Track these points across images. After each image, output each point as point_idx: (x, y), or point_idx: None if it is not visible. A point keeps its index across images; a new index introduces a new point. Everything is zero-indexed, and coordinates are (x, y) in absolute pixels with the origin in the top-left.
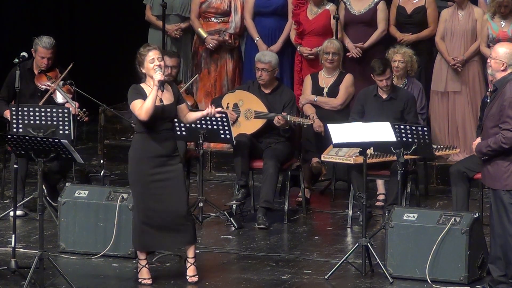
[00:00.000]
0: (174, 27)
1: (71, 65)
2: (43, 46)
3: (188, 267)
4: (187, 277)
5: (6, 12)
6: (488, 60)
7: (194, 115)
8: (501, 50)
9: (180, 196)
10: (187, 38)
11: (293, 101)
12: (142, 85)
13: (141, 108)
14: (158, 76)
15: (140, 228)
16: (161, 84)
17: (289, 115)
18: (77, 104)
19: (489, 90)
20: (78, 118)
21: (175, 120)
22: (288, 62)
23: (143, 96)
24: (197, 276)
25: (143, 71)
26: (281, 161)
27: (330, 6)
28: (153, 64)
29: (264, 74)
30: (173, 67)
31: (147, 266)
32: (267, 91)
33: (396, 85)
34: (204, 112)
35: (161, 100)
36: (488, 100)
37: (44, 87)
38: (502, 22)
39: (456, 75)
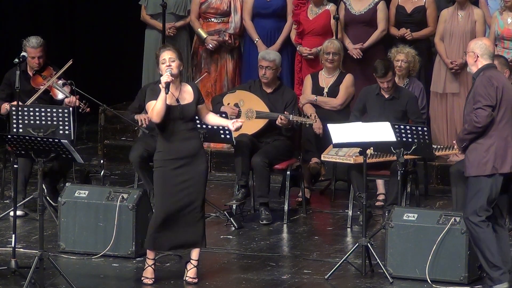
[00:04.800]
0: (168, 25)
1: (70, 61)
2: (31, 46)
3: (190, 269)
4: (186, 278)
5: (6, 12)
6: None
7: (215, 120)
8: (472, 43)
9: (198, 197)
10: (182, 36)
11: (294, 101)
12: (160, 85)
13: (152, 111)
14: (165, 78)
15: (155, 228)
16: (167, 86)
17: (291, 115)
18: (77, 96)
19: None
20: (80, 110)
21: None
22: (287, 62)
23: (158, 96)
24: (197, 279)
25: (159, 71)
26: (272, 156)
27: (330, 6)
28: (164, 65)
29: (268, 72)
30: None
31: (153, 266)
32: (269, 91)
33: (398, 85)
34: (225, 124)
35: (177, 100)
36: None
37: (42, 87)
38: (509, 20)
39: (454, 77)
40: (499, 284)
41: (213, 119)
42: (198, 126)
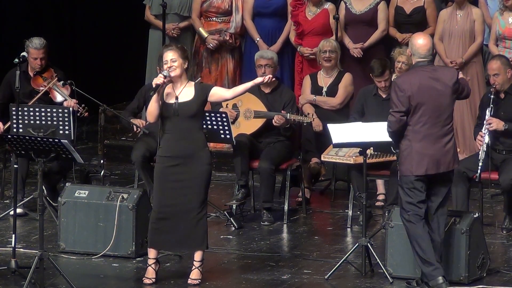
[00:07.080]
0: (171, 26)
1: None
2: (34, 47)
3: (192, 270)
4: (189, 279)
5: (6, 12)
6: None
7: (243, 88)
8: (410, 40)
9: (195, 198)
10: (186, 37)
11: (293, 101)
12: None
13: (147, 111)
14: (156, 79)
15: (152, 225)
16: (155, 88)
17: (288, 113)
18: (75, 100)
19: (494, 86)
20: (78, 114)
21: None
22: (288, 63)
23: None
24: (199, 280)
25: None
26: (277, 161)
27: (329, 6)
28: (166, 65)
29: (268, 70)
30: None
31: (153, 266)
32: (267, 91)
33: None
34: (251, 84)
35: (176, 98)
36: (492, 96)
37: (42, 88)
38: (510, 19)
39: None
40: (432, 280)
41: (240, 89)
42: None
